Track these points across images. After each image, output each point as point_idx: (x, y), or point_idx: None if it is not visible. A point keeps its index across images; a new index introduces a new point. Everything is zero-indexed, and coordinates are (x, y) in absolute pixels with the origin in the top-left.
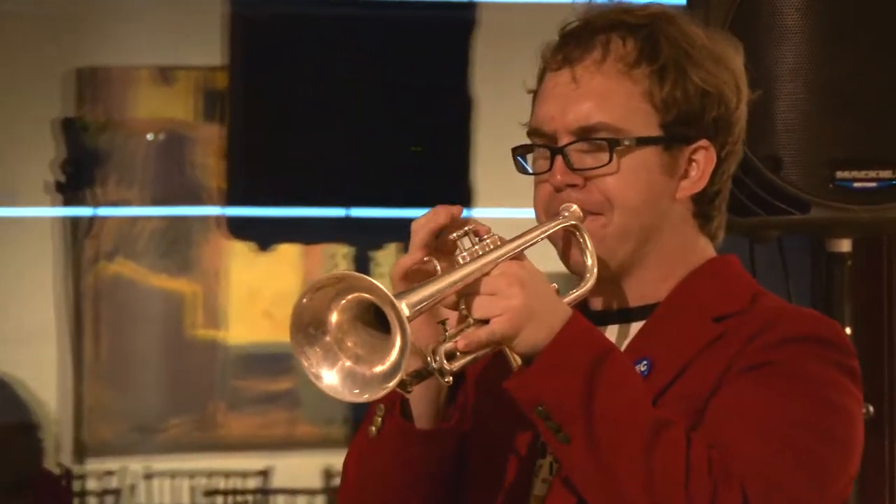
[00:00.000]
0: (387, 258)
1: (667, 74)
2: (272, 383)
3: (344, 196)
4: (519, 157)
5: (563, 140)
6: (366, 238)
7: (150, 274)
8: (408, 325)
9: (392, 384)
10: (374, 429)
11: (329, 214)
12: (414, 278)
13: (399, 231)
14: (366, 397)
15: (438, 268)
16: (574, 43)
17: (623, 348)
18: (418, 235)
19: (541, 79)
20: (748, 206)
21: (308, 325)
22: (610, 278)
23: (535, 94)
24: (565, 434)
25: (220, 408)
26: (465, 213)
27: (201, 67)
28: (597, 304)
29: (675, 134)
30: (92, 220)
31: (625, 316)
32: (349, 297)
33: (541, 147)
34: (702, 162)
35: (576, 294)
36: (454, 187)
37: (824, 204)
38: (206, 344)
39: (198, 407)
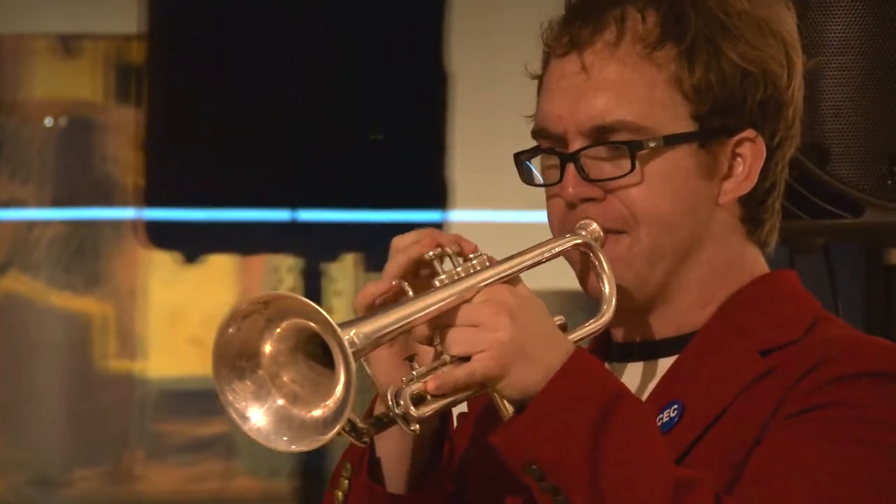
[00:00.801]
0: (342, 272)
1: (697, 54)
2: (202, 426)
3: (289, 196)
4: (527, 163)
5: (575, 144)
6: (317, 247)
7: (51, 291)
8: (352, 358)
9: (331, 433)
10: (340, 494)
11: (271, 218)
12: None
13: (357, 238)
14: (294, 447)
15: (410, 294)
16: (582, 21)
17: (650, 389)
18: (397, 260)
19: (545, 65)
20: (788, 208)
21: (236, 356)
22: (639, 308)
23: (539, 82)
24: (564, 498)
25: (139, 456)
26: (441, 218)
27: (113, 36)
28: (618, 334)
29: (713, 126)
30: None
31: (652, 349)
32: (285, 323)
33: (548, 152)
34: (748, 156)
35: (586, 329)
36: (425, 185)
37: (881, 205)
38: (119, 378)
39: (111, 456)
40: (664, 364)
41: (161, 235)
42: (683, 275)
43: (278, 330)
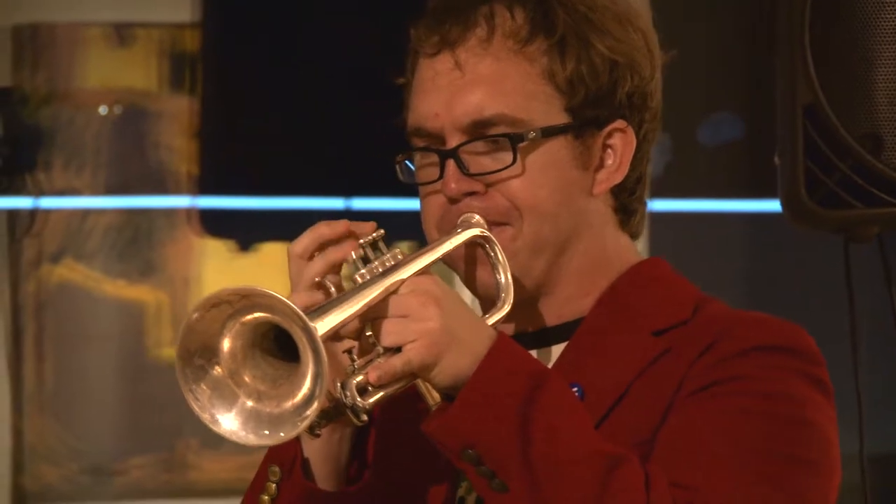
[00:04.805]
0: None
1: (568, 47)
2: None
3: (343, 184)
4: (406, 163)
5: (454, 140)
6: None
7: (105, 279)
8: (323, 349)
9: (311, 411)
10: (266, 498)
11: (325, 206)
12: None
13: (411, 226)
14: (282, 436)
15: (333, 291)
16: (451, 20)
17: None
18: (315, 267)
19: (413, 67)
20: (841, 197)
21: (195, 353)
22: (523, 300)
23: (407, 86)
24: (501, 481)
25: (193, 445)
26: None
27: (167, 24)
28: (508, 329)
29: (586, 118)
30: (33, 214)
31: (543, 338)
32: (245, 318)
33: (426, 150)
34: (619, 147)
35: (494, 318)
36: None
37: None
38: (173, 366)
39: (165, 444)
40: (557, 351)
41: (215, 224)
42: (564, 265)
43: (237, 325)
